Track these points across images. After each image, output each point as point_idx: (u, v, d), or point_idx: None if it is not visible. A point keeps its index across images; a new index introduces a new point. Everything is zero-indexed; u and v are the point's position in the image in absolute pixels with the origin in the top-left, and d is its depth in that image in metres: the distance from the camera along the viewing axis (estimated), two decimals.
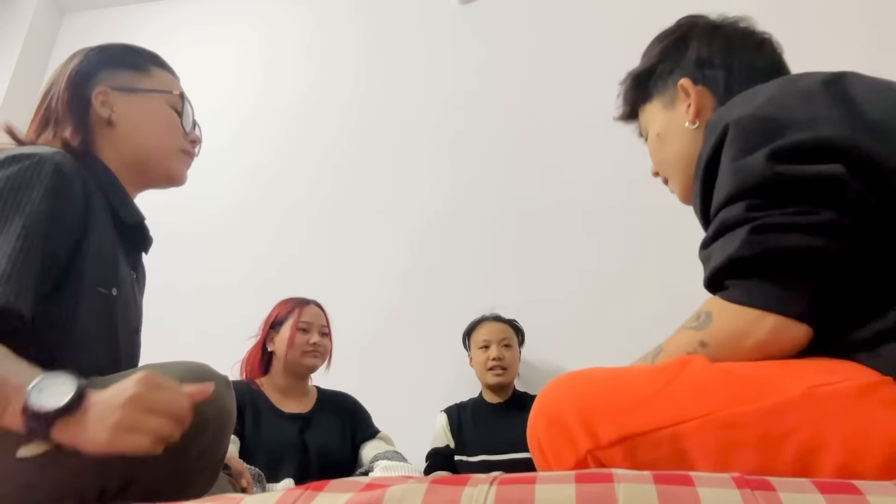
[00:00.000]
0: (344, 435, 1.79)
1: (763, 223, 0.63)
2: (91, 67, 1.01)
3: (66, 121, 0.97)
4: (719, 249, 0.67)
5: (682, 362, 0.66)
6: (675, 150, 0.92)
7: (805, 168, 0.63)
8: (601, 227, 2.19)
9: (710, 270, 0.68)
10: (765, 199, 0.64)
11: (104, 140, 1.00)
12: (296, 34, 2.86)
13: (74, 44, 3.37)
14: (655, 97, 0.96)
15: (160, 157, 1.04)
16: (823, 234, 0.62)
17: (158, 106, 1.05)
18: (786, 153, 0.64)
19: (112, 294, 0.91)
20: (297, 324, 1.82)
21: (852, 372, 0.59)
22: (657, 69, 0.95)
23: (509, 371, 1.92)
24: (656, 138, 0.96)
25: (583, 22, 2.51)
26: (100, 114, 1.00)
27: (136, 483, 0.75)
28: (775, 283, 0.63)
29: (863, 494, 0.45)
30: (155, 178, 1.05)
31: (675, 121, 0.91)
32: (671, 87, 0.93)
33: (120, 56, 1.05)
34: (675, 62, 0.93)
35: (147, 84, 1.05)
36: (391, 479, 0.54)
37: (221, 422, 0.79)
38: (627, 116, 1.03)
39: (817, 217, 0.62)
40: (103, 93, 1.00)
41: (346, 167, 2.56)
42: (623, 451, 0.62)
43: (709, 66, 0.90)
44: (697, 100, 0.89)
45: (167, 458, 0.73)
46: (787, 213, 0.63)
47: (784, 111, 0.68)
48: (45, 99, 1.00)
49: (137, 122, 1.02)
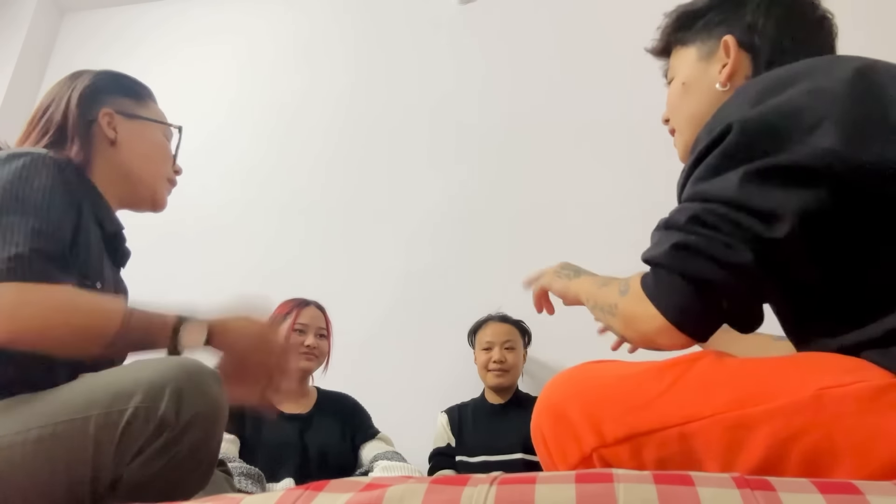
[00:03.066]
0: (344, 435, 1.79)
1: (685, 241, 0.65)
2: (99, 89, 1.09)
3: (72, 137, 1.03)
4: (655, 241, 0.70)
5: (690, 360, 0.66)
6: (694, 106, 0.89)
7: (765, 194, 0.63)
8: (603, 225, 2.19)
9: (643, 256, 0.71)
10: (710, 216, 0.65)
11: (101, 159, 1.07)
12: (296, 33, 2.86)
13: (74, 44, 3.35)
14: (695, 43, 0.91)
15: (150, 181, 1.12)
16: (730, 272, 0.63)
17: (156, 134, 1.15)
18: (762, 174, 0.64)
19: (96, 287, 0.95)
20: (294, 325, 1.83)
21: (864, 373, 0.57)
22: (707, 15, 0.90)
23: (511, 373, 1.92)
24: (681, 87, 0.91)
25: (583, 21, 2.51)
26: (105, 133, 1.07)
27: (127, 480, 0.75)
28: (675, 296, 0.65)
29: (863, 494, 0.45)
30: (138, 200, 1.13)
31: (706, 76, 0.87)
32: (714, 39, 0.87)
33: (123, 84, 1.14)
34: (727, 16, 0.87)
35: (146, 113, 1.14)
36: (391, 479, 0.54)
37: (211, 417, 0.79)
38: (660, 52, 0.98)
39: (731, 254, 0.63)
40: (109, 115, 1.08)
41: (346, 167, 2.56)
42: (629, 450, 0.62)
43: (760, 35, 0.84)
44: (735, 63, 0.84)
45: (157, 454, 0.74)
46: (710, 239, 0.64)
47: (790, 120, 0.66)
48: (46, 111, 1.06)
49: (136, 146, 1.10)
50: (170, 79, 2.83)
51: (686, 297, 0.65)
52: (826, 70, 0.69)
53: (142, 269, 1.12)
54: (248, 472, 1.52)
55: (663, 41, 0.97)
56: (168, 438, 0.74)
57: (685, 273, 0.65)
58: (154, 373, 0.77)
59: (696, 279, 0.64)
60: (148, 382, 0.76)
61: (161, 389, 0.75)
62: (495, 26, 2.60)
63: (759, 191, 0.63)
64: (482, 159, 2.42)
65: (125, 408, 0.74)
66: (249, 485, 1.50)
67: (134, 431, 0.74)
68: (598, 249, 2.17)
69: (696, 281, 0.64)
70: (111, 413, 0.74)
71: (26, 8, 3.04)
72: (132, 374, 0.78)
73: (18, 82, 2.92)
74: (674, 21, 0.94)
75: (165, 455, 0.75)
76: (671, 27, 0.95)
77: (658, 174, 1.37)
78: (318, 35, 2.83)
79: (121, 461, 0.74)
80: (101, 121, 1.07)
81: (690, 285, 0.64)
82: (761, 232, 0.62)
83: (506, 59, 2.55)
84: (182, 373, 0.77)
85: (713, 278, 0.63)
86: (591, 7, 2.51)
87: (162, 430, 0.74)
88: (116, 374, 0.80)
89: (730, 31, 0.86)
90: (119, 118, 1.09)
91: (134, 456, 0.74)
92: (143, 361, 0.82)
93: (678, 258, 0.65)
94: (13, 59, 2.92)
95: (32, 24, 3.01)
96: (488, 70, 2.55)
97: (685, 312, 0.65)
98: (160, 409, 0.74)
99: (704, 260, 0.64)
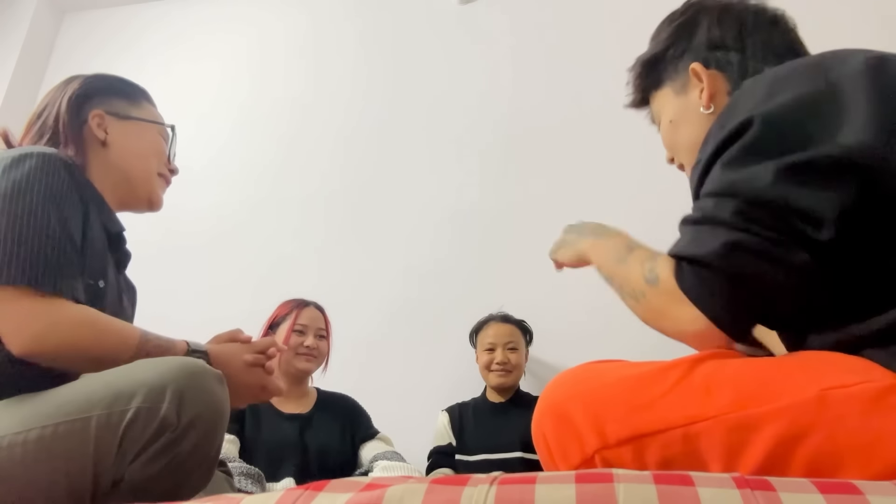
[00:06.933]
0: (344, 435, 1.79)
1: (739, 240, 0.62)
2: (89, 92, 1.09)
3: (64, 140, 1.04)
4: (694, 238, 0.67)
5: (693, 360, 0.65)
6: (689, 136, 0.89)
7: (806, 195, 0.61)
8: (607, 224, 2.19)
9: (678, 251, 0.68)
10: (754, 213, 0.63)
11: (96, 160, 1.07)
12: (296, 35, 2.86)
13: (74, 44, 3.35)
14: (667, 83, 0.92)
15: (146, 179, 1.12)
16: (789, 272, 0.61)
17: (149, 133, 1.15)
18: (798, 170, 0.62)
19: (99, 286, 0.96)
20: (293, 326, 1.83)
21: (868, 373, 0.57)
22: (666, 54, 0.92)
23: (514, 374, 1.92)
24: (669, 125, 0.93)
25: (584, 20, 2.51)
26: (95, 134, 1.07)
27: (128, 481, 0.75)
28: (725, 298, 0.63)
29: (863, 494, 0.45)
30: (136, 201, 1.13)
31: (689, 106, 0.89)
32: (682, 73, 0.89)
33: (116, 85, 1.14)
34: (685, 46, 0.89)
35: (138, 113, 1.14)
36: (391, 480, 0.54)
37: (213, 418, 0.79)
38: (638, 104, 1.00)
39: (790, 254, 0.61)
40: (99, 115, 1.08)
41: (347, 167, 2.55)
42: (632, 451, 0.62)
43: (721, 48, 0.86)
44: (710, 84, 0.85)
45: (158, 455, 0.74)
46: (765, 239, 0.62)
47: (813, 115, 0.65)
48: (40, 116, 1.07)
49: (129, 145, 1.10)
50: (170, 78, 2.83)
51: (739, 301, 0.62)
52: (836, 63, 0.69)
53: (149, 270, 1.12)
54: (248, 472, 1.52)
55: (638, 92, 0.99)
56: (169, 439, 0.74)
57: (742, 274, 0.62)
58: (155, 374, 0.77)
59: (752, 280, 0.61)
60: (149, 383, 0.76)
61: (162, 390, 0.75)
62: (495, 26, 2.60)
63: (798, 189, 0.62)
64: (485, 159, 2.42)
65: (127, 408, 0.74)
66: (249, 485, 1.50)
67: (135, 432, 0.74)
68: None
69: (751, 282, 0.62)
70: (112, 413, 0.75)
71: (26, 8, 3.04)
72: (133, 375, 0.78)
73: (18, 82, 2.91)
74: (639, 72, 0.97)
75: (166, 455, 0.75)
76: (639, 77, 0.97)
77: (661, 174, 1.37)
78: (319, 37, 2.83)
79: (122, 461, 0.75)
80: (92, 122, 1.07)
81: (744, 288, 0.62)
82: (810, 233, 0.61)
83: (507, 58, 2.54)
84: (183, 374, 0.77)
85: (773, 280, 0.61)
86: (592, 6, 2.51)
87: (163, 431, 0.74)
88: (118, 374, 0.80)
89: (694, 59, 0.88)
90: (110, 119, 1.09)
91: (135, 456, 0.74)
92: (145, 362, 0.82)
93: (733, 259, 0.62)
94: (13, 59, 2.92)
95: (32, 24, 3.01)
96: (489, 71, 2.54)
97: (737, 318, 0.63)
98: (161, 409, 0.74)
99: (762, 261, 0.61)
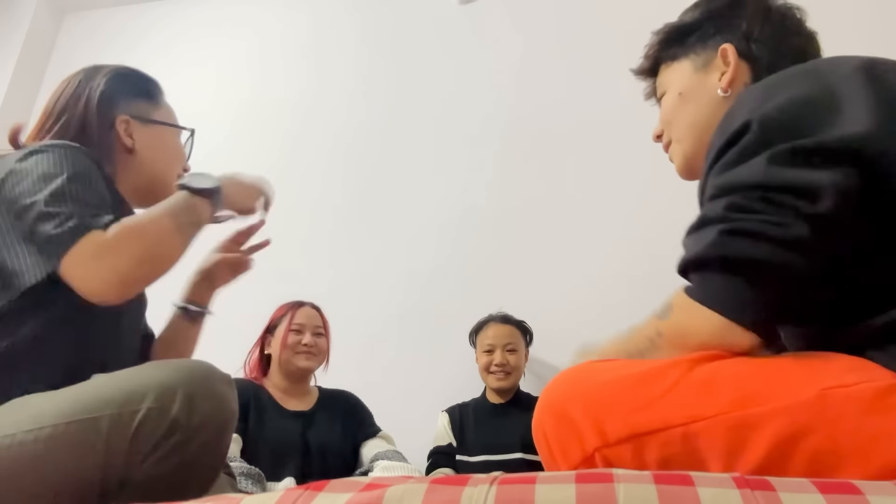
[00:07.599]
0: (345, 433, 1.79)
1: (733, 227, 0.62)
2: (114, 93, 1.06)
3: (95, 144, 1.01)
4: (693, 242, 0.67)
5: (693, 359, 0.65)
6: (695, 115, 0.88)
7: (799, 173, 0.61)
8: (610, 227, 2.19)
9: (680, 262, 0.68)
10: (748, 201, 0.62)
11: (122, 166, 1.06)
12: (296, 35, 2.86)
13: (74, 44, 3.35)
14: (688, 56, 0.91)
15: (168, 184, 1.10)
16: (789, 249, 0.60)
17: (171, 138, 1.14)
18: (792, 153, 0.62)
19: None
20: (290, 325, 1.85)
21: (867, 373, 0.57)
22: (702, 27, 0.90)
23: (513, 375, 1.91)
24: (678, 97, 0.91)
25: (584, 21, 2.50)
26: (123, 142, 1.06)
27: (136, 481, 0.75)
28: (730, 288, 0.62)
29: (863, 494, 0.45)
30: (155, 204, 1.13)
31: (705, 85, 0.88)
32: (710, 50, 0.88)
33: (137, 84, 1.12)
34: (722, 26, 0.88)
35: (161, 116, 1.13)
36: (391, 479, 0.54)
37: (222, 420, 0.79)
38: (646, 72, 0.98)
39: (787, 230, 0.60)
40: (125, 122, 1.07)
41: (349, 169, 2.56)
42: (632, 450, 0.62)
43: (757, 41, 0.85)
44: (735, 70, 0.85)
45: (168, 455, 0.74)
46: (760, 221, 0.61)
47: (808, 113, 0.65)
48: (60, 116, 1.03)
49: (155, 153, 1.10)
50: (170, 78, 2.82)
51: (742, 286, 0.61)
52: (830, 67, 0.70)
53: None
54: (249, 472, 1.52)
55: (651, 59, 0.97)
56: (179, 440, 0.75)
57: (739, 258, 0.61)
58: (165, 375, 0.77)
59: (752, 263, 0.61)
60: (159, 385, 0.76)
61: (173, 392, 0.75)
62: (495, 26, 2.60)
63: (792, 170, 0.61)
64: (487, 161, 2.42)
65: (137, 409, 0.75)
66: (250, 485, 1.50)
67: (146, 432, 0.74)
68: (605, 251, 2.17)
69: (751, 265, 0.61)
70: (123, 413, 0.75)
71: (26, 8, 3.04)
72: (144, 376, 0.78)
73: (18, 82, 2.91)
74: (664, 37, 0.95)
75: (175, 457, 0.75)
76: (661, 44, 0.95)
77: (664, 174, 1.37)
78: (319, 37, 2.83)
79: (131, 462, 0.75)
80: (119, 128, 1.06)
81: (745, 272, 0.61)
82: (804, 207, 0.60)
83: (510, 60, 2.54)
84: (193, 376, 0.78)
85: (772, 259, 0.60)
86: (593, 6, 2.51)
87: (173, 432, 0.75)
88: (128, 375, 0.80)
89: (727, 41, 0.87)
90: (135, 124, 1.08)
91: (145, 457, 0.75)
92: (154, 364, 0.83)
93: (727, 245, 0.62)
94: (13, 59, 2.92)
95: (32, 24, 3.02)
96: (490, 71, 2.54)
97: (745, 304, 0.62)
98: (172, 411, 0.74)
99: (759, 241, 0.60)
